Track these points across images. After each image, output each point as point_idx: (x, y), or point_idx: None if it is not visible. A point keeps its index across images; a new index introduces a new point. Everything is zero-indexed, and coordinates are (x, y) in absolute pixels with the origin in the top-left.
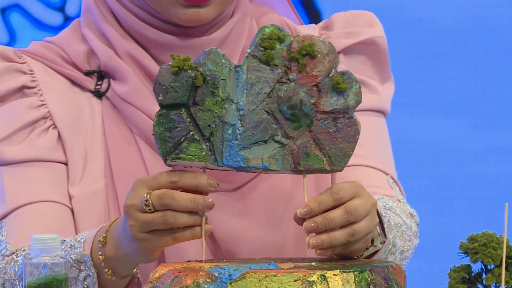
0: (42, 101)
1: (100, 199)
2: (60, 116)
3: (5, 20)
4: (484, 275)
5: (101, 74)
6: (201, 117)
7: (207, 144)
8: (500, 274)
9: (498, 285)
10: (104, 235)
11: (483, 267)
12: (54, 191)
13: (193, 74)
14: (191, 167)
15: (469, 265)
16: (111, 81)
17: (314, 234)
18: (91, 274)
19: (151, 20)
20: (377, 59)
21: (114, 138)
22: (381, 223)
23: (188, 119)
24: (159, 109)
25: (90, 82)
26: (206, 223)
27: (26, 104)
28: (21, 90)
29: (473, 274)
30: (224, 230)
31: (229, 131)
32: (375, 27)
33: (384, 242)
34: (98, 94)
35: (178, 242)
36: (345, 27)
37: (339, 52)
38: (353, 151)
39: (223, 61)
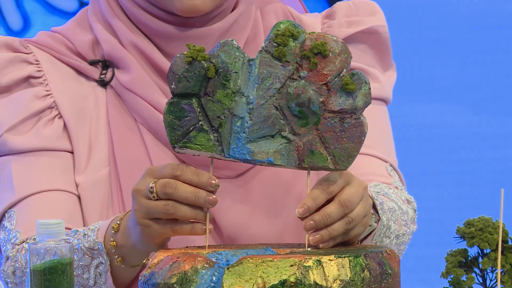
0: (47, 91)
1: (104, 187)
2: (66, 106)
3: (18, 5)
4: (480, 259)
5: (106, 64)
6: (211, 108)
7: (215, 134)
8: (496, 258)
9: (494, 269)
10: (118, 222)
11: (480, 251)
12: (61, 180)
13: (206, 65)
14: (199, 155)
15: (465, 249)
16: (115, 70)
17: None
18: (103, 261)
19: (152, 9)
20: (378, 47)
21: (118, 127)
22: (373, 205)
23: (198, 109)
24: (171, 97)
25: (95, 72)
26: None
27: (32, 94)
28: (27, 80)
29: (469, 258)
30: (226, 217)
31: (238, 124)
32: (376, 15)
33: (379, 220)
34: (103, 83)
35: (178, 235)
36: (347, 16)
37: None
38: (358, 152)
39: (237, 53)
